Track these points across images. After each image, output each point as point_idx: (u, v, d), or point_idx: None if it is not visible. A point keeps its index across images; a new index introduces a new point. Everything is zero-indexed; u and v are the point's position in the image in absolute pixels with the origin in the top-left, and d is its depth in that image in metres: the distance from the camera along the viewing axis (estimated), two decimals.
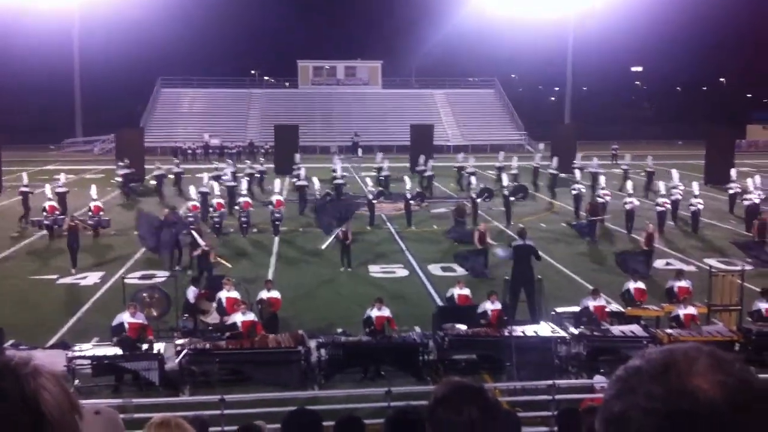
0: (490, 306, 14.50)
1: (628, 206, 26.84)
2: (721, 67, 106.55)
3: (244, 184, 29.81)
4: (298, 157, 38.59)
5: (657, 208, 26.98)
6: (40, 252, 24.07)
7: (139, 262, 22.61)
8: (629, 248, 22.78)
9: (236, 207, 27.75)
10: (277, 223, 26.05)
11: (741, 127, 66.08)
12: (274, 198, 26.88)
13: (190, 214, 24.79)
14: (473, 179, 31.66)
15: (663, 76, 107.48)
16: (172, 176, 37.63)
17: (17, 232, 26.59)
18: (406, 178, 31.32)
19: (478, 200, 29.41)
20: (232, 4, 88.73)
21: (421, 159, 39.76)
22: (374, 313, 14.23)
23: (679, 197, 28.67)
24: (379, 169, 36.88)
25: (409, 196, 28.77)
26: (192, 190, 27.95)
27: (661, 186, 28.42)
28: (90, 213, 26.30)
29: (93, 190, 28.23)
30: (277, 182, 29.51)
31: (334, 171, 35.29)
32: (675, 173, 30.87)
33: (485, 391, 1.92)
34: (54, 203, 26.36)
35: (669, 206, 27.51)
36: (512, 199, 29.40)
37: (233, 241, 25.67)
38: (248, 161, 40.73)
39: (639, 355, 1.17)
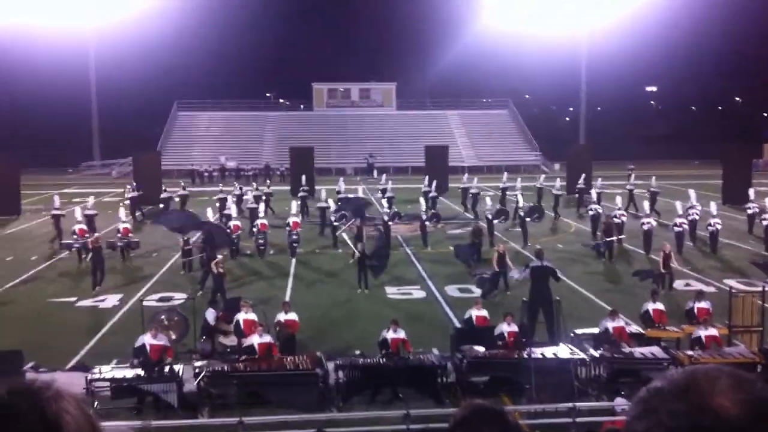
0: (507, 328, 14.43)
1: (645, 227, 26.68)
2: (737, 87, 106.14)
3: (261, 207, 29.97)
4: (304, 179, 38.68)
5: (675, 229, 26.66)
6: (59, 274, 24.21)
7: (158, 284, 22.70)
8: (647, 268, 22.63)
9: (254, 229, 27.86)
10: (294, 245, 26.16)
11: (758, 147, 65.72)
12: (291, 220, 26.97)
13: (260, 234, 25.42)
14: (488, 200, 31.59)
15: (678, 96, 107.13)
16: (178, 199, 37.79)
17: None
18: (422, 200, 31.34)
19: (495, 221, 29.31)
20: (247, 27, 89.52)
21: (426, 180, 39.88)
22: (390, 335, 14.19)
23: (697, 217, 28.49)
24: (384, 191, 36.78)
25: (424, 217, 28.77)
26: (209, 212, 28.04)
27: (678, 206, 28.19)
28: (119, 235, 26.39)
29: (122, 213, 28.56)
30: (294, 204, 29.63)
31: (338, 192, 35.56)
32: (692, 193, 30.62)
33: (506, 414, 1.92)
34: (83, 226, 26.64)
35: (686, 226, 27.22)
36: (528, 219, 29.33)
37: (251, 262, 25.75)
38: (254, 183, 40.96)
39: (661, 376, 1.19)
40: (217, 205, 33.58)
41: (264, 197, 36.87)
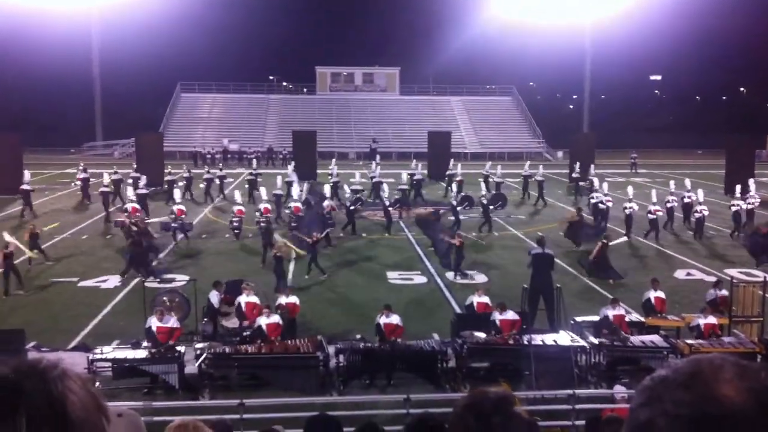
0: (499, 316, 14.45)
1: (627, 211, 27.45)
2: (742, 77, 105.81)
3: (296, 189, 29.84)
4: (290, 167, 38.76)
5: (649, 216, 27.28)
6: (63, 255, 24.21)
7: (160, 265, 22.69)
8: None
9: (287, 211, 27.92)
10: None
11: (761, 137, 65.57)
12: (293, 204, 26.96)
13: (262, 218, 25.06)
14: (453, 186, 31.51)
15: (682, 85, 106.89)
16: (182, 183, 37.74)
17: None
18: (386, 186, 31.24)
19: (458, 208, 29.01)
20: (251, 10, 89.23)
21: (413, 163, 40.25)
22: (383, 320, 14.24)
23: (675, 204, 29.08)
24: (372, 177, 36.64)
25: (387, 203, 28.84)
26: (237, 195, 28.49)
27: (653, 194, 28.41)
28: (173, 216, 26.19)
29: (177, 194, 28.56)
30: (296, 188, 29.60)
31: (330, 175, 35.64)
32: (688, 182, 30.97)
33: (511, 401, 1.92)
34: (136, 205, 26.74)
35: (661, 213, 27.69)
36: (491, 207, 29.29)
37: (254, 245, 25.76)
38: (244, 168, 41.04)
39: (665, 365, 1.19)
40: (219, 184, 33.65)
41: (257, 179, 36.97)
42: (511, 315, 14.58)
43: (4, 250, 19.55)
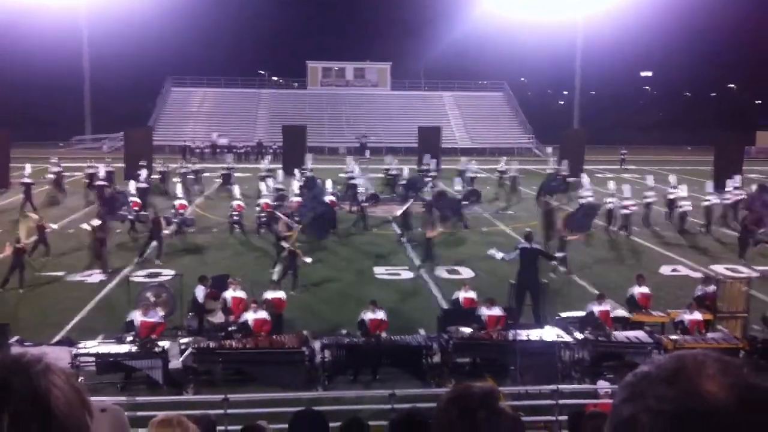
0: (486, 311, 14.48)
1: (608, 206, 27.82)
2: (731, 73, 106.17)
3: (295, 186, 29.85)
4: (309, 157, 38.74)
5: (622, 211, 27.49)
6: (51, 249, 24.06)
7: (146, 260, 22.65)
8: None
9: (257, 208, 27.81)
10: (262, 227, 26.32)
11: (750, 134, 65.87)
12: (294, 200, 27.01)
13: (263, 213, 25.58)
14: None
15: (672, 82, 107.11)
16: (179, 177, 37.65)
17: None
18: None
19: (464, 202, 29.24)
20: (242, 4, 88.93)
21: (388, 158, 40.61)
22: (368, 316, 14.24)
23: (653, 200, 29.35)
24: (387, 170, 36.74)
25: (362, 198, 28.96)
26: (236, 190, 28.54)
27: (626, 189, 28.60)
28: (174, 211, 26.20)
29: (178, 189, 28.44)
30: (295, 184, 29.49)
31: (303, 169, 35.48)
32: (672, 178, 31.14)
33: (495, 396, 1.92)
34: (137, 199, 26.58)
35: (635, 209, 27.88)
36: (464, 203, 29.27)
37: (245, 241, 25.74)
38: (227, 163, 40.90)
39: (648, 361, 1.20)
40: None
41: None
42: (497, 311, 14.61)
43: (16, 244, 19.52)
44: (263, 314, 14.21)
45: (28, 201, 30.77)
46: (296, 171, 34.15)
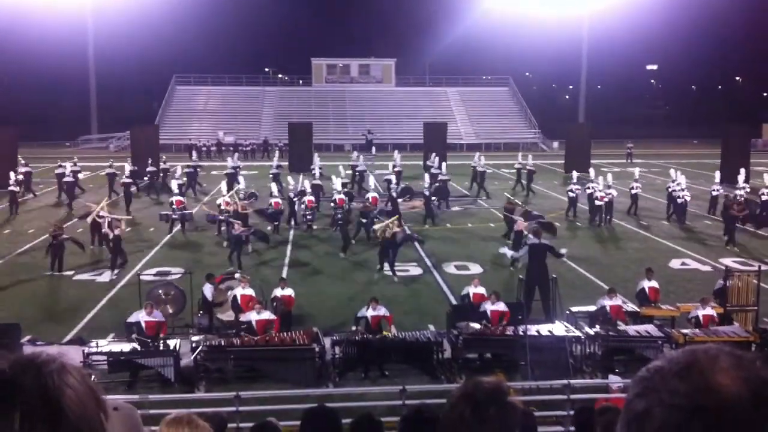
0: (490, 306, 14.47)
1: (588, 191, 28.76)
2: (737, 67, 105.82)
3: (307, 183, 29.88)
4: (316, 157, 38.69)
5: (596, 202, 28.02)
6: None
7: (155, 258, 22.73)
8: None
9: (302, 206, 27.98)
10: (309, 223, 26.48)
11: (757, 127, 65.65)
12: (306, 198, 27.03)
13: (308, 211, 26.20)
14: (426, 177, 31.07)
15: (678, 75, 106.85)
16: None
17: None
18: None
19: (399, 200, 29.12)
20: (246, 2, 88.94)
21: (354, 155, 40.45)
22: (369, 313, 14.24)
23: (639, 191, 30.04)
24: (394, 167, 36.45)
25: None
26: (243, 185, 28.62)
27: (600, 181, 28.82)
28: (173, 207, 26.34)
29: (174, 185, 28.52)
30: (307, 183, 29.42)
31: (312, 170, 35.36)
32: (672, 171, 31.27)
33: (505, 391, 1.92)
34: (181, 198, 26.60)
35: (608, 199, 28.22)
36: (433, 200, 29.00)
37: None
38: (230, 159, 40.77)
39: (661, 356, 1.20)
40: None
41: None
42: (501, 306, 14.58)
43: (52, 231, 20.74)
44: (267, 315, 14.24)
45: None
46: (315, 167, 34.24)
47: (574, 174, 30.82)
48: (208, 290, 15.71)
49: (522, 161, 38.30)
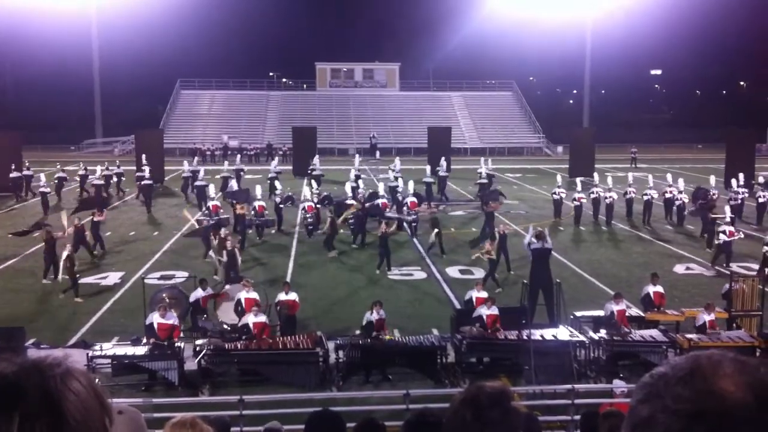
0: (486, 311, 14.42)
1: (592, 195, 29.45)
2: (742, 71, 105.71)
3: (307, 190, 29.79)
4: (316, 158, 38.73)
5: (573, 203, 28.61)
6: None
7: (159, 262, 22.76)
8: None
9: (301, 211, 27.95)
10: (310, 227, 26.38)
11: (761, 131, 65.48)
12: (307, 204, 26.99)
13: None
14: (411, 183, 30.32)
15: (682, 80, 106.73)
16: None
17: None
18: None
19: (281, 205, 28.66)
20: (250, 6, 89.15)
21: (315, 158, 40.21)
22: (374, 317, 14.24)
23: (633, 195, 29.99)
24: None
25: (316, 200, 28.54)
26: (258, 189, 28.31)
27: (578, 182, 29.80)
28: (208, 212, 26.23)
29: (211, 190, 28.47)
30: (306, 188, 29.37)
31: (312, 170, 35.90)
32: (669, 177, 31.63)
33: (508, 396, 1.92)
34: (218, 203, 26.74)
35: (584, 201, 28.92)
36: (282, 206, 28.48)
37: (253, 243, 25.77)
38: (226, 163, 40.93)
39: (665, 362, 1.21)
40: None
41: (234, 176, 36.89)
42: (495, 310, 14.51)
43: (73, 225, 21.44)
44: (263, 318, 14.26)
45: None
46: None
47: (578, 181, 30.91)
48: (197, 294, 15.63)
49: (445, 172, 37.63)
